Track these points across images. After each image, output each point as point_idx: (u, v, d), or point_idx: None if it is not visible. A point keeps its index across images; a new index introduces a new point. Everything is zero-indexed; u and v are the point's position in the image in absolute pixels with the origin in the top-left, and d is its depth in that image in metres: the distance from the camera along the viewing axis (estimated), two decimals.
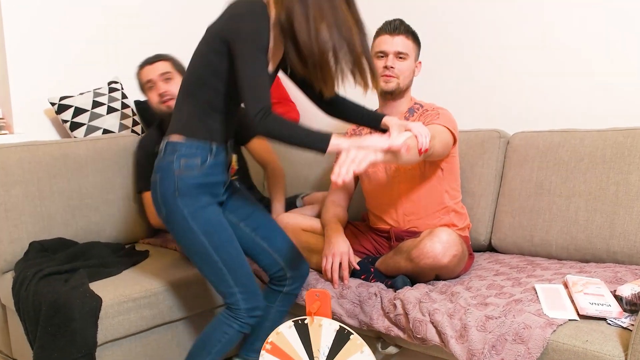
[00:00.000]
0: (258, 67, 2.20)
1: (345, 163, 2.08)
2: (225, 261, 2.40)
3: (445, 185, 2.90)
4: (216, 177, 2.46)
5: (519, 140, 3.15)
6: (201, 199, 2.40)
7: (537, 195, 3.00)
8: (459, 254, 2.56)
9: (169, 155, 2.41)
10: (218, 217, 2.43)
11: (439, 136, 2.66)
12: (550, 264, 2.81)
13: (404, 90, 2.94)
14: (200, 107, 2.39)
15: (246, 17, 2.22)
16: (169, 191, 2.38)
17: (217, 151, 2.44)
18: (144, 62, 3.34)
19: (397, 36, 2.88)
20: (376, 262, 2.83)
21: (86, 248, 3.14)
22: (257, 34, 2.21)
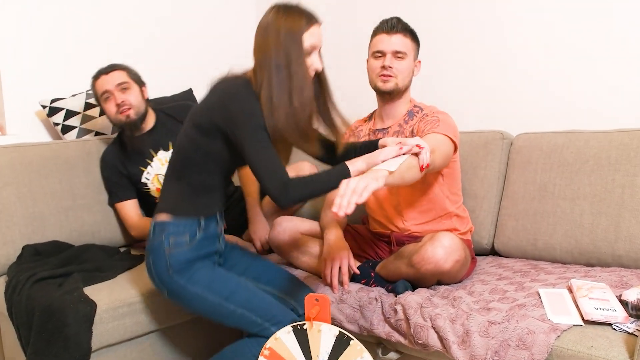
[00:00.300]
0: (263, 144, 2.29)
1: (346, 194, 2.11)
2: (243, 305, 2.46)
3: (446, 190, 2.90)
4: (208, 249, 2.57)
5: (523, 142, 3.16)
6: (194, 266, 2.49)
7: (541, 198, 3.01)
8: (461, 259, 2.56)
9: (157, 236, 2.50)
10: (215, 270, 2.53)
11: (439, 148, 2.65)
12: (555, 268, 2.82)
13: (403, 91, 2.94)
14: (190, 187, 2.50)
15: (236, 101, 2.31)
16: (163, 270, 2.48)
17: (206, 224, 2.54)
18: (98, 73, 3.32)
19: (395, 35, 2.87)
20: (376, 266, 2.84)
21: (80, 251, 3.15)
22: (252, 115, 2.30)
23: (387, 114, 2.99)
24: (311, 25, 2.36)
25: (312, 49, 2.38)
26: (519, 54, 3.42)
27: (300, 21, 2.34)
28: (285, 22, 2.33)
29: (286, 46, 2.33)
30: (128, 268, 3.09)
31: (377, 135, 3.00)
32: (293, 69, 2.33)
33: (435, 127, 2.77)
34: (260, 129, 2.30)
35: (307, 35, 2.35)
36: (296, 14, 2.36)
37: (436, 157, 2.60)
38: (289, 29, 2.33)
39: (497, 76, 3.52)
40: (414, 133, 2.86)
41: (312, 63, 2.40)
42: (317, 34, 2.38)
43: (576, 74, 3.23)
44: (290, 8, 2.38)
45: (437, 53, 3.75)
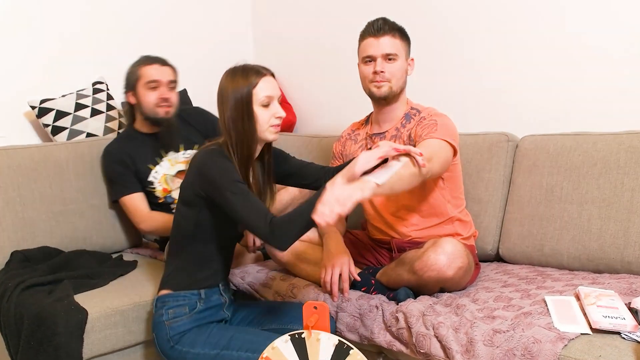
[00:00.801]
0: (243, 194, 2.42)
1: (328, 202, 2.13)
2: (247, 347, 2.50)
3: (447, 195, 2.90)
4: (210, 319, 2.66)
5: (529, 144, 3.16)
6: (194, 331, 2.59)
7: (548, 202, 3.01)
8: (464, 266, 2.56)
9: (158, 310, 2.62)
10: (211, 327, 2.62)
11: (437, 155, 2.65)
12: (562, 275, 2.82)
13: (399, 94, 2.94)
14: (188, 261, 2.65)
15: (209, 166, 2.47)
16: (166, 344, 2.58)
17: (207, 295, 2.65)
18: (152, 60, 3.36)
19: (383, 37, 2.86)
20: (377, 273, 2.84)
21: (71, 257, 3.15)
22: (225, 171, 2.45)
23: (383, 119, 3.00)
24: (261, 78, 2.51)
25: (269, 100, 2.52)
26: (525, 52, 3.42)
27: (247, 79, 2.49)
28: (232, 84, 2.49)
29: (235, 105, 2.49)
30: (120, 275, 3.10)
31: (374, 140, 3.01)
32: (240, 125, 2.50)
33: (433, 131, 2.77)
34: (234, 182, 2.43)
35: (258, 89, 2.49)
36: (241, 73, 2.51)
37: (434, 165, 2.60)
38: (236, 88, 2.49)
39: (502, 75, 3.52)
40: (411, 137, 2.87)
41: (274, 112, 2.54)
42: (271, 85, 2.54)
43: (585, 74, 3.23)
44: (236, 69, 2.55)
45: (437, 50, 3.76)
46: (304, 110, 4.45)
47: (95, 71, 4.04)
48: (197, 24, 4.55)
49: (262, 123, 2.51)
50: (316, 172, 2.84)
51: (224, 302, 2.72)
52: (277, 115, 2.53)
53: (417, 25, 3.03)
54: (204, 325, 2.61)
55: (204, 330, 2.58)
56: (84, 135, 3.67)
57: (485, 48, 3.58)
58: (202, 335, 2.56)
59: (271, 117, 2.52)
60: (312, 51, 4.47)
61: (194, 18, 4.55)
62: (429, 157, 2.55)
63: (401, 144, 2.88)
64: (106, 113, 3.80)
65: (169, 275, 2.68)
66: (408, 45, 2.96)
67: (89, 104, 3.77)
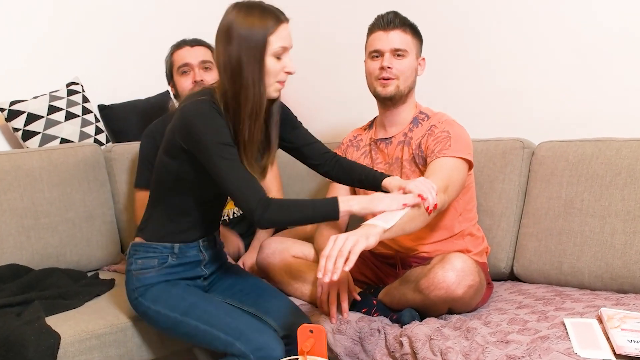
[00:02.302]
0: (232, 162, 2.40)
1: (331, 256, 2.16)
2: (205, 320, 2.53)
3: (459, 207, 2.91)
4: (182, 275, 2.72)
5: (546, 151, 3.16)
6: (159, 286, 2.65)
7: (567, 215, 3.01)
8: (475, 284, 2.56)
9: (129, 259, 2.70)
10: (176, 287, 2.66)
11: (452, 179, 2.69)
12: (582, 295, 2.82)
13: (407, 94, 2.95)
14: (165, 213, 2.67)
15: (196, 121, 2.41)
16: (132, 294, 2.68)
17: (182, 250, 2.69)
18: (181, 43, 3.36)
19: (392, 31, 2.89)
20: (379, 293, 2.84)
21: (42, 276, 3.15)
22: (214, 132, 2.40)
23: (390, 122, 3.00)
24: (279, 25, 2.44)
25: (283, 51, 2.46)
26: (543, 51, 3.42)
27: (264, 21, 2.41)
28: (245, 22, 2.40)
29: (247, 49, 2.40)
30: (96, 295, 3.09)
31: (379, 145, 3.01)
32: (248, 73, 2.42)
33: (446, 147, 2.78)
34: (225, 146, 2.40)
35: (275, 37, 2.42)
36: (258, 13, 2.42)
37: (450, 193, 2.67)
38: (251, 29, 2.39)
39: (516, 77, 3.52)
40: (421, 148, 2.86)
41: (284, 66, 2.48)
42: (287, 34, 2.47)
43: (606, 75, 3.23)
44: (252, 6, 2.44)
45: (447, 50, 3.77)
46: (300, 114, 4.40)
47: (69, 71, 4.04)
48: (181, 22, 4.54)
49: (270, 76, 2.46)
50: (319, 156, 2.83)
51: (202, 259, 2.75)
52: (286, 70, 2.49)
53: (419, 19, 3.02)
54: (172, 281, 2.66)
55: (169, 288, 2.63)
56: (57, 141, 3.67)
57: (500, 47, 3.58)
58: (165, 294, 2.61)
59: (280, 71, 2.48)
60: (310, 49, 4.47)
61: (179, 15, 4.55)
62: (444, 186, 2.60)
63: (410, 151, 2.89)
64: (82, 117, 3.81)
65: (144, 223, 2.73)
66: (420, 43, 2.97)
67: (63, 107, 3.77)
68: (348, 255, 2.22)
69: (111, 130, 4.06)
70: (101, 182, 3.63)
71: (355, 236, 2.24)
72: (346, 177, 2.80)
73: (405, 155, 2.93)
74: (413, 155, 2.90)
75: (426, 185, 2.50)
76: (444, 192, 2.60)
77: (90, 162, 3.57)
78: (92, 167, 3.57)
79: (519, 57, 3.51)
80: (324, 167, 2.82)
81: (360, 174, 2.76)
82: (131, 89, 4.19)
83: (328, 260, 2.20)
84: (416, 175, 2.90)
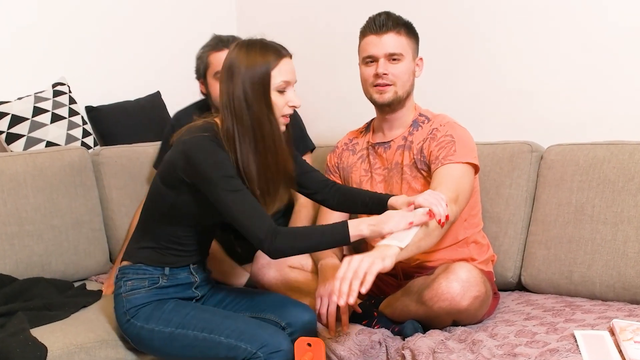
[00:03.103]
0: (238, 192, 2.45)
1: (346, 278, 2.18)
2: (203, 327, 2.57)
3: (463, 212, 2.88)
4: (174, 295, 2.74)
5: (555, 155, 3.16)
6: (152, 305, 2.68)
7: (577, 222, 3.01)
8: (481, 295, 2.56)
9: (118, 282, 2.73)
10: (173, 304, 2.69)
11: (461, 187, 2.71)
12: (593, 306, 2.82)
13: (405, 99, 2.94)
14: (159, 242, 2.70)
15: (199, 155, 2.48)
16: (122, 318, 2.69)
17: (172, 273, 2.73)
18: (223, 43, 3.34)
19: (385, 34, 2.87)
20: (380, 304, 2.84)
21: (26, 286, 3.14)
22: (218, 166, 2.47)
23: (388, 126, 3.00)
24: (280, 60, 2.52)
25: (286, 85, 2.53)
26: (551, 49, 3.43)
27: (266, 56, 2.51)
28: (246, 59, 2.50)
29: (251, 86, 2.48)
30: (83, 306, 3.08)
31: (376, 149, 3.01)
32: (256, 110, 2.50)
33: (451, 153, 2.78)
34: (230, 178, 2.46)
35: (277, 72, 2.50)
36: (259, 49, 2.52)
37: (461, 202, 2.68)
38: (253, 66, 2.48)
39: (524, 76, 3.52)
40: (423, 153, 2.86)
41: (289, 100, 2.56)
42: (289, 68, 2.55)
43: (619, 75, 3.23)
44: (253, 43, 2.55)
45: (451, 48, 3.77)
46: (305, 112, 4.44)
47: (55, 71, 4.03)
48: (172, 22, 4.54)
49: (275, 111, 2.53)
50: (316, 184, 2.86)
51: (194, 282, 2.78)
52: (291, 104, 2.55)
53: (422, 16, 3.02)
54: (164, 300, 2.68)
55: (161, 305, 2.66)
56: (43, 145, 3.66)
57: (507, 44, 3.57)
58: (158, 311, 2.64)
59: (285, 105, 2.54)
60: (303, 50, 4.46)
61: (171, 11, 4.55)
62: (454, 197, 2.61)
63: (410, 156, 2.88)
64: (69, 119, 3.80)
65: (132, 249, 2.77)
66: (416, 42, 2.96)
67: (49, 109, 3.77)
68: (364, 277, 2.22)
69: (99, 133, 4.06)
70: (89, 187, 3.63)
71: (371, 258, 2.25)
72: (349, 203, 2.84)
73: (405, 160, 2.93)
74: (414, 160, 2.90)
75: (435, 197, 2.50)
76: (455, 203, 2.61)
77: (78, 167, 3.57)
78: (79, 171, 3.57)
79: (527, 56, 3.51)
80: (322, 195, 2.86)
81: (364, 197, 2.79)
82: (121, 90, 4.19)
83: (343, 282, 2.21)
84: (417, 181, 2.90)
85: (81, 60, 4.10)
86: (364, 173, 3.06)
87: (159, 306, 2.65)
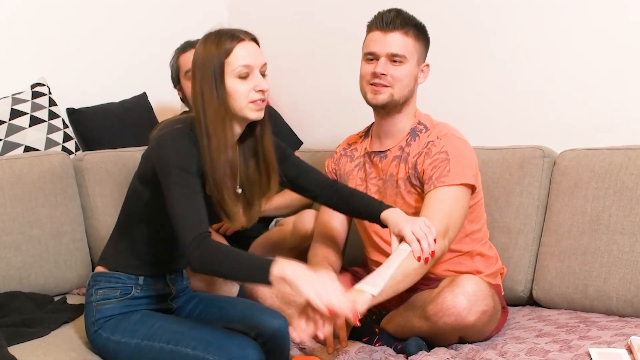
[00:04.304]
0: (186, 191, 2.44)
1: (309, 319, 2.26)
2: (169, 339, 2.58)
3: (466, 228, 2.90)
4: (147, 307, 2.75)
5: (569, 160, 3.17)
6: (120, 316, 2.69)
7: (593, 232, 3.02)
8: (489, 310, 2.56)
9: (89, 290, 2.75)
10: (140, 315, 2.70)
11: (454, 219, 2.73)
12: (610, 322, 2.83)
13: (403, 104, 2.94)
14: (132, 242, 2.73)
15: (167, 145, 2.52)
16: (90, 328, 2.71)
17: (147, 283, 2.74)
18: (186, 45, 3.51)
19: (391, 33, 2.87)
20: (382, 319, 2.84)
21: (3, 301, 3.14)
22: (183, 156, 2.49)
23: (385, 132, 3.01)
24: (236, 44, 2.52)
25: (247, 70, 2.53)
26: (564, 49, 3.43)
27: (220, 45, 2.52)
28: (203, 51, 2.54)
29: (205, 79, 2.52)
30: (64, 322, 3.08)
31: (372, 158, 3.01)
32: (208, 104, 2.53)
33: (445, 173, 2.78)
34: (185, 173, 2.46)
35: (233, 58, 2.51)
36: (214, 38, 2.55)
37: (451, 235, 2.72)
38: (207, 58, 2.53)
39: (535, 77, 3.53)
40: (417, 169, 2.86)
41: (255, 84, 2.54)
42: (249, 51, 2.55)
43: (637, 76, 3.24)
44: (209, 34, 2.60)
45: (457, 48, 3.78)
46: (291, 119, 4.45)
47: (34, 70, 4.03)
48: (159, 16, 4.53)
49: (238, 99, 2.52)
50: (316, 186, 2.88)
51: (170, 293, 2.80)
52: (258, 89, 2.53)
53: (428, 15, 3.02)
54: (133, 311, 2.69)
55: (129, 316, 2.67)
56: (21, 149, 3.67)
57: (517, 44, 3.58)
58: (125, 322, 2.65)
59: (250, 90, 2.53)
60: (301, 49, 4.48)
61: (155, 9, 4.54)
62: (444, 229, 2.65)
63: (405, 169, 2.89)
64: (48, 122, 3.81)
65: (107, 252, 2.81)
66: (424, 47, 2.97)
67: (28, 111, 3.77)
68: None
69: (82, 137, 4.06)
70: (70, 195, 3.62)
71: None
72: (345, 206, 2.88)
73: (400, 173, 2.93)
74: (409, 175, 2.90)
75: (425, 231, 2.53)
76: (444, 237, 2.64)
77: (58, 173, 3.56)
78: (60, 178, 3.57)
79: (539, 56, 3.52)
80: (323, 198, 2.89)
81: (359, 203, 2.82)
82: (104, 91, 4.19)
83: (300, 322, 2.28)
84: (411, 196, 2.92)
85: (62, 59, 4.09)
86: (360, 182, 3.07)
87: (127, 317, 2.66)
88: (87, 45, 4.20)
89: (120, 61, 4.34)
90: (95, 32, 4.26)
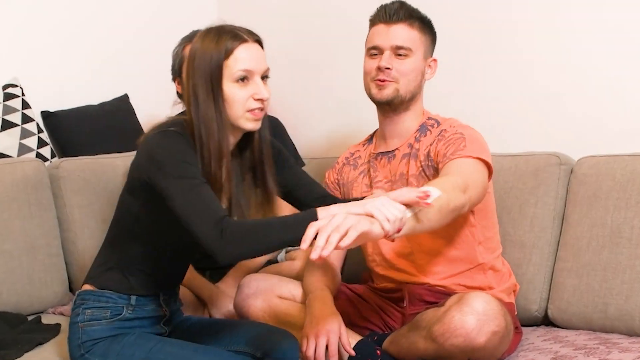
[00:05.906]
0: (191, 181, 2.41)
1: (325, 230, 2.13)
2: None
3: (479, 234, 2.92)
4: (138, 330, 2.71)
5: (588, 168, 3.18)
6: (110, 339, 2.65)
7: (614, 246, 3.02)
8: (501, 330, 2.55)
9: (76, 309, 2.71)
10: (135, 336, 2.66)
11: (473, 180, 2.69)
12: (632, 344, 2.82)
13: (409, 100, 2.96)
14: (125, 261, 2.70)
15: (161, 146, 2.48)
16: (76, 351, 2.68)
17: (139, 303, 2.71)
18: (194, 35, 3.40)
19: (395, 25, 2.90)
20: (384, 341, 2.85)
21: None
22: (180, 152, 2.46)
23: (391, 132, 3.02)
24: (238, 45, 2.49)
25: (247, 75, 2.50)
26: (580, 49, 3.44)
27: (220, 44, 2.48)
28: (201, 46, 2.50)
29: (200, 79, 2.49)
30: (39, 343, 3.08)
31: (379, 160, 3.02)
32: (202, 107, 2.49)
33: (461, 148, 2.79)
34: (187, 164, 2.44)
35: (233, 60, 2.47)
36: (214, 35, 2.51)
37: (471, 194, 2.64)
38: (205, 56, 2.48)
39: (551, 78, 3.54)
40: (430, 157, 2.88)
41: (254, 92, 2.51)
42: (251, 55, 2.52)
43: None
44: (210, 29, 2.56)
45: (466, 47, 3.80)
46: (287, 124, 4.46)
47: (6, 71, 4.04)
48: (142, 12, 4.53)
49: (235, 106, 2.50)
50: (314, 200, 2.80)
51: (163, 315, 2.77)
52: (257, 97, 2.50)
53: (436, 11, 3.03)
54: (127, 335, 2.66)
55: (121, 338, 2.64)
56: None
57: (531, 43, 3.59)
58: (117, 345, 2.62)
59: (249, 98, 2.50)
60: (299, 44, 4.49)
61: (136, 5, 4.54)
62: (463, 185, 2.59)
63: (417, 164, 2.90)
64: (21, 126, 3.81)
65: (95, 270, 2.77)
66: (430, 41, 3.00)
67: None
68: (346, 232, 2.16)
69: (58, 143, 4.06)
70: (45, 205, 3.62)
71: (357, 217, 2.21)
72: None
73: (412, 170, 2.94)
74: (422, 168, 2.91)
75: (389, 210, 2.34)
76: (464, 192, 2.59)
77: (32, 182, 3.57)
78: (34, 187, 3.57)
79: (554, 56, 3.52)
80: None
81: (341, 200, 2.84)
82: (82, 92, 4.19)
83: (321, 234, 2.15)
84: None
85: (37, 59, 4.10)
86: (365, 188, 3.07)
87: (118, 339, 2.63)
88: (63, 43, 4.20)
89: (99, 60, 4.34)
90: (73, 28, 4.26)
